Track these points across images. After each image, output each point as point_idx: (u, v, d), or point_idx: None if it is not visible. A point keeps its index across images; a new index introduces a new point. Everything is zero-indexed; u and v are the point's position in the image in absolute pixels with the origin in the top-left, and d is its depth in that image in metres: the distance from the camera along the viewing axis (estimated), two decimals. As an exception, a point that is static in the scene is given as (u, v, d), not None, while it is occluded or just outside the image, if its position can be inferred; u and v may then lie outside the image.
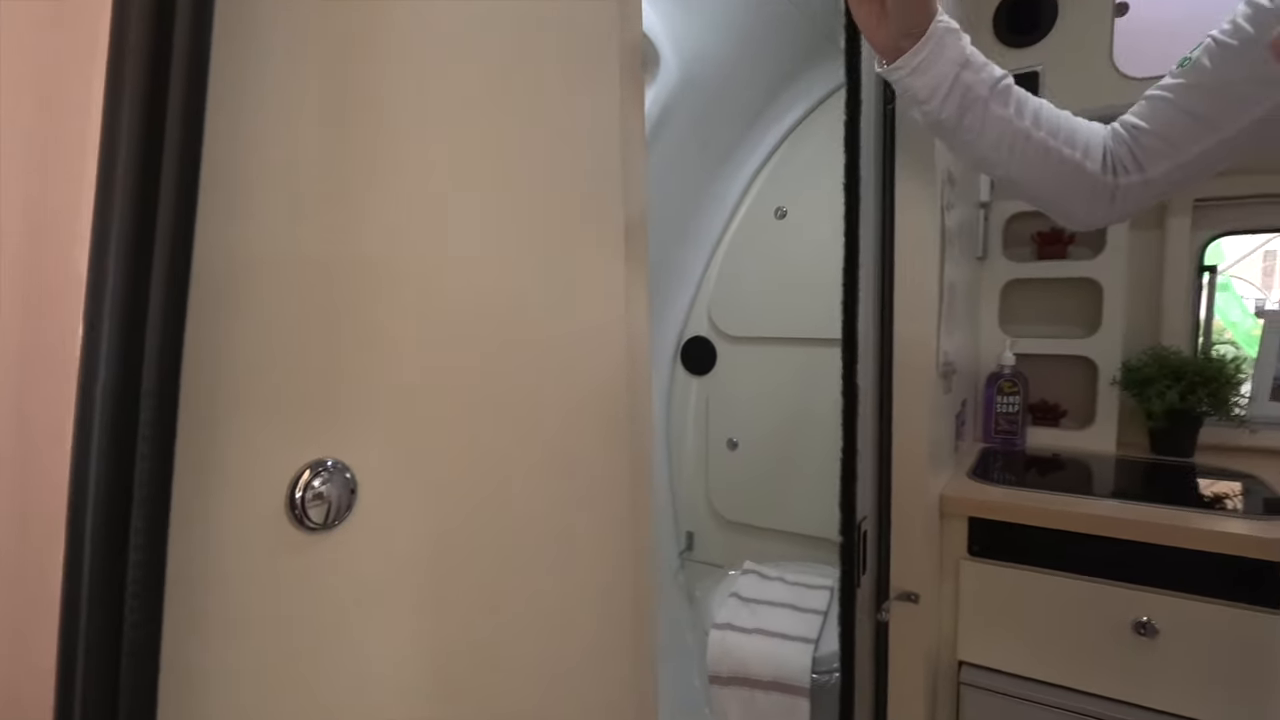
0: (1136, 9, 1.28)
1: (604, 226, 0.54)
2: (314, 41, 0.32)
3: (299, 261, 0.32)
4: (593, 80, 0.51)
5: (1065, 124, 0.73)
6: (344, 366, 0.34)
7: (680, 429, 1.91)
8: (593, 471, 0.51)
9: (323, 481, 0.33)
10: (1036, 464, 1.48)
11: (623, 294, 0.55)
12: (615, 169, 0.54)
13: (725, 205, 1.77)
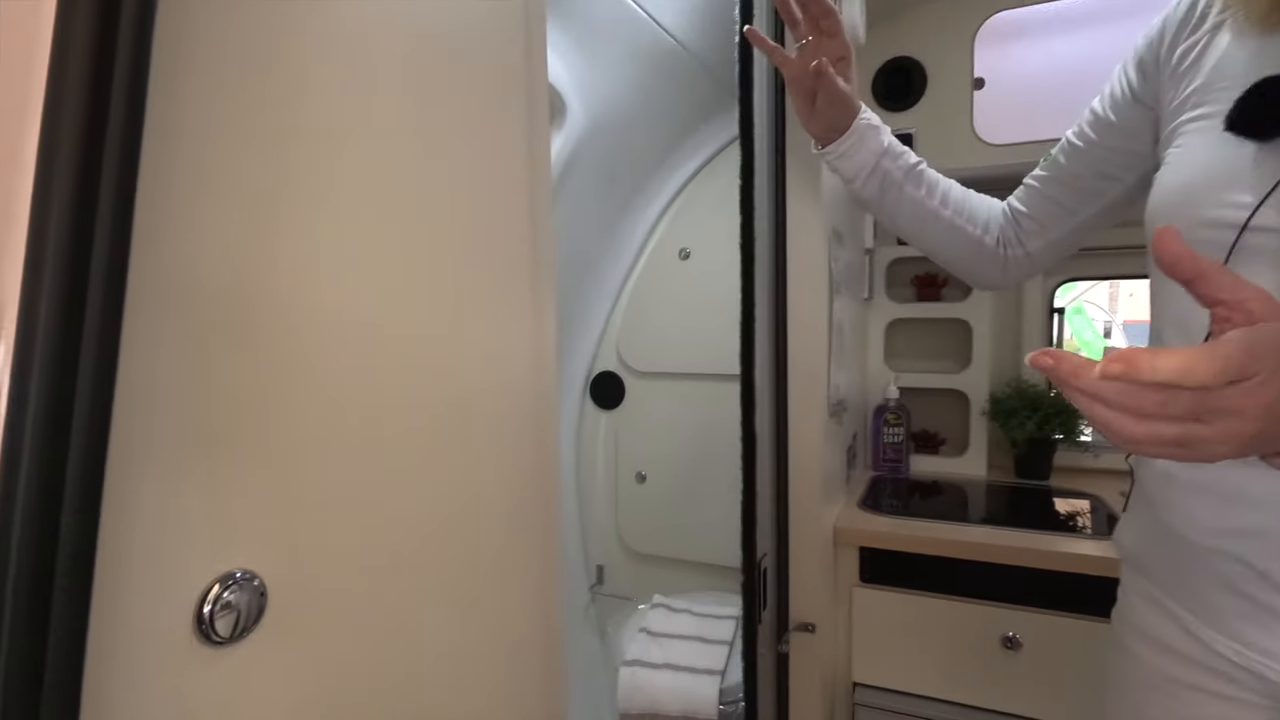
0: (992, 84, 1.44)
1: (515, 291, 0.55)
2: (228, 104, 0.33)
3: (208, 380, 0.32)
4: (499, 125, 0.53)
5: (968, 203, 0.84)
6: (255, 473, 0.34)
7: (590, 463, 1.93)
8: (502, 549, 0.53)
9: (232, 592, 0.33)
10: (920, 490, 1.60)
11: (531, 360, 0.57)
12: (525, 229, 0.56)
13: (632, 245, 1.82)
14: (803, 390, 1.15)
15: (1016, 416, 1.59)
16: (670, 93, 1.51)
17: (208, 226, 0.33)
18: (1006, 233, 0.82)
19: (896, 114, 1.51)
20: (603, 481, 1.93)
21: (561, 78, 1.31)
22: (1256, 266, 0.50)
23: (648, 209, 1.81)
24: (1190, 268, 0.38)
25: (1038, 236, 0.79)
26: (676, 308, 1.79)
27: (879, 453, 1.70)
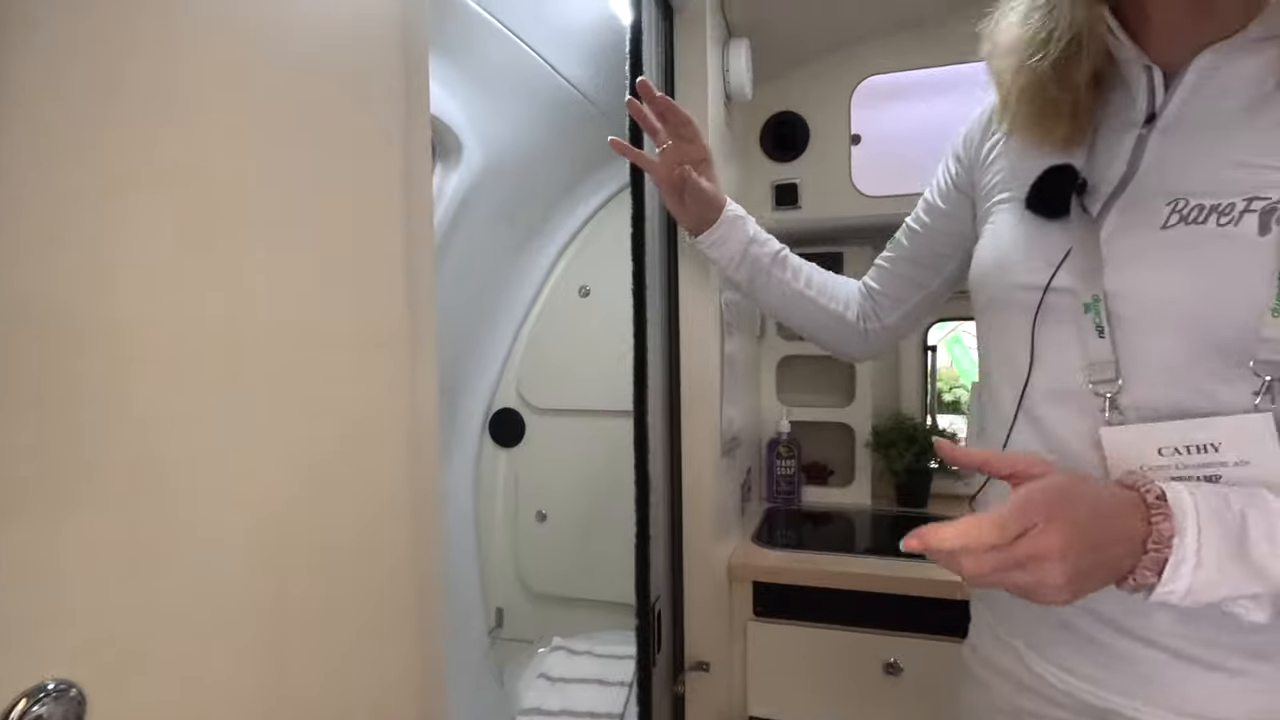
0: (868, 140, 1.56)
1: (386, 342, 0.54)
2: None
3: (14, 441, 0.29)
4: (373, 170, 0.51)
5: (828, 284, 0.93)
6: (72, 558, 0.31)
7: (488, 502, 1.88)
8: (371, 631, 0.51)
9: (43, 706, 0.30)
10: (812, 519, 1.67)
11: (407, 420, 0.55)
12: (399, 280, 0.54)
13: (532, 282, 1.82)
14: (697, 430, 1.18)
15: (896, 447, 1.69)
16: (569, 134, 1.53)
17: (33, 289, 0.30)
18: (865, 308, 0.91)
19: (783, 164, 1.60)
20: (502, 521, 1.89)
21: (457, 118, 1.31)
22: (1057, 319, 0.59)
23: (548, 246, 1.81)
24: (971, 463, 0.49)
25: (892, 310, 0.89)
26: (577, 345, 1.80)
27: (773, 485, 1.76)
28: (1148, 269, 0.54)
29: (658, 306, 1.11)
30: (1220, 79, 0.54)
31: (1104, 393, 0.55)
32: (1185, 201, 0.53)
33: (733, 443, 1.39)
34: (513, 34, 1.20)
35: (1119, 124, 0.60)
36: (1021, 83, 0.63)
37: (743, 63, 1.27)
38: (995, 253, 0.66)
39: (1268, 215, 0.49)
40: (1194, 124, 0.56)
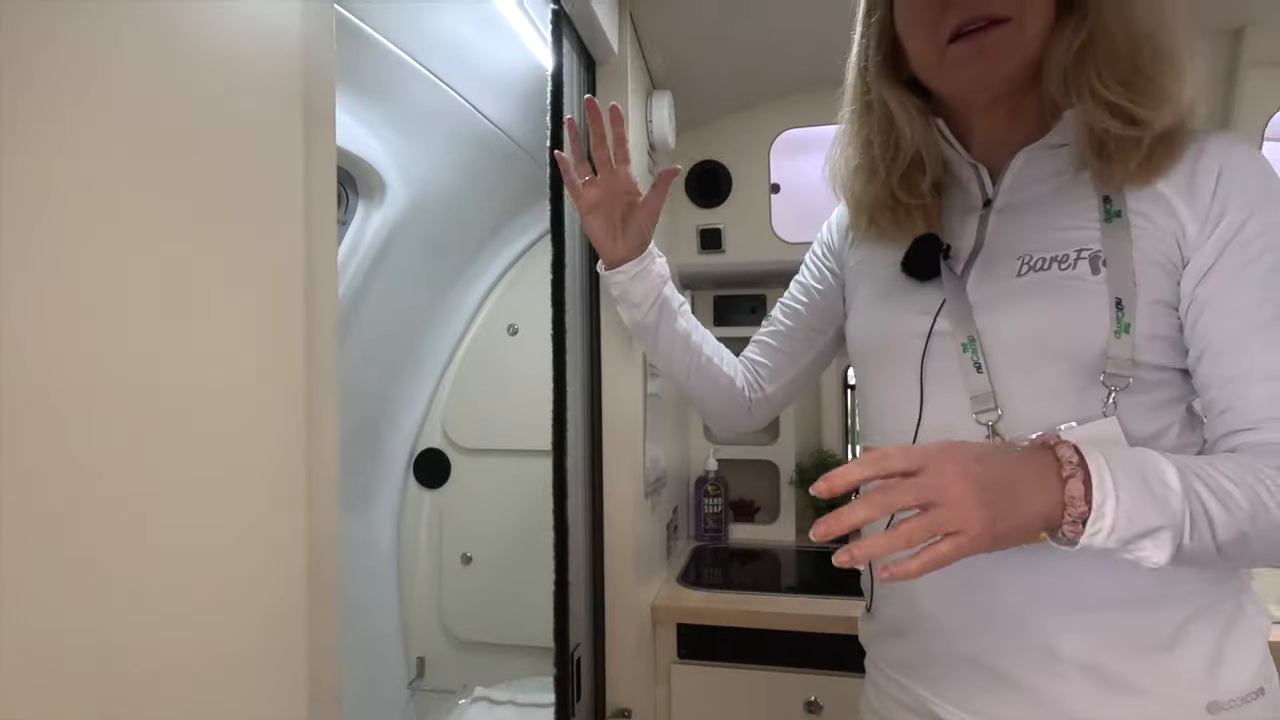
0: (786, 189, 1.63)
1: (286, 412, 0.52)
2: None
3: None
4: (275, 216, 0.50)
5: (718, 349, 0.95)
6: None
7: (412, 546, 1.83)
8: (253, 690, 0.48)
9: None
10: (738, 558, 1.69)
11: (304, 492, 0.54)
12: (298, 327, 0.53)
13: (459, 320, 1.80)
14: (619, 471, 1.18)
15: (818, 485, 1.74)
16: (497, 174, 1.54)
17: None
18: (749, 378, 0.95)
19: (707, 210, 1.65)
20: (425, 565, 1.83)
21: (381, 159, 1.30)
22: (942, 360, 0.66)
23: (476, 284, 1.80)
24: (851, 479, 0.49)
25: (771, 381, 0.94)
26: (504, 383, 1.78)
27: (700, 523, 1.77)
28: (1010, 309, 0.63)
29: (579, 348, 1.11)
30: (1032, 172, 0.66)
31: (986, 422, 0.63)
32: (1030, 256, 0.63)
33: (658, 483, 1.40)
34: (438, 78, 1.21)
35: (961, 209, 0.71)
36: (872, 197, 0.74)
37: (665, 114, 1.31)
38: (877, 310, 0.75)
39: (1095, 260, 0.60)
40: (1020, 205, 0.67)
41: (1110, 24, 0.59)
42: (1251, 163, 0.59)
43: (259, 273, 0.49)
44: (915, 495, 0.47)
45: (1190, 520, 0.49)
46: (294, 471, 0.52)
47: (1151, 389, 0.60)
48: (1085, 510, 0.48)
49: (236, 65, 0.47)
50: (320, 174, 0.55)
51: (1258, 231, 0.57)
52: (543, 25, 1.04)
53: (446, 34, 1.12)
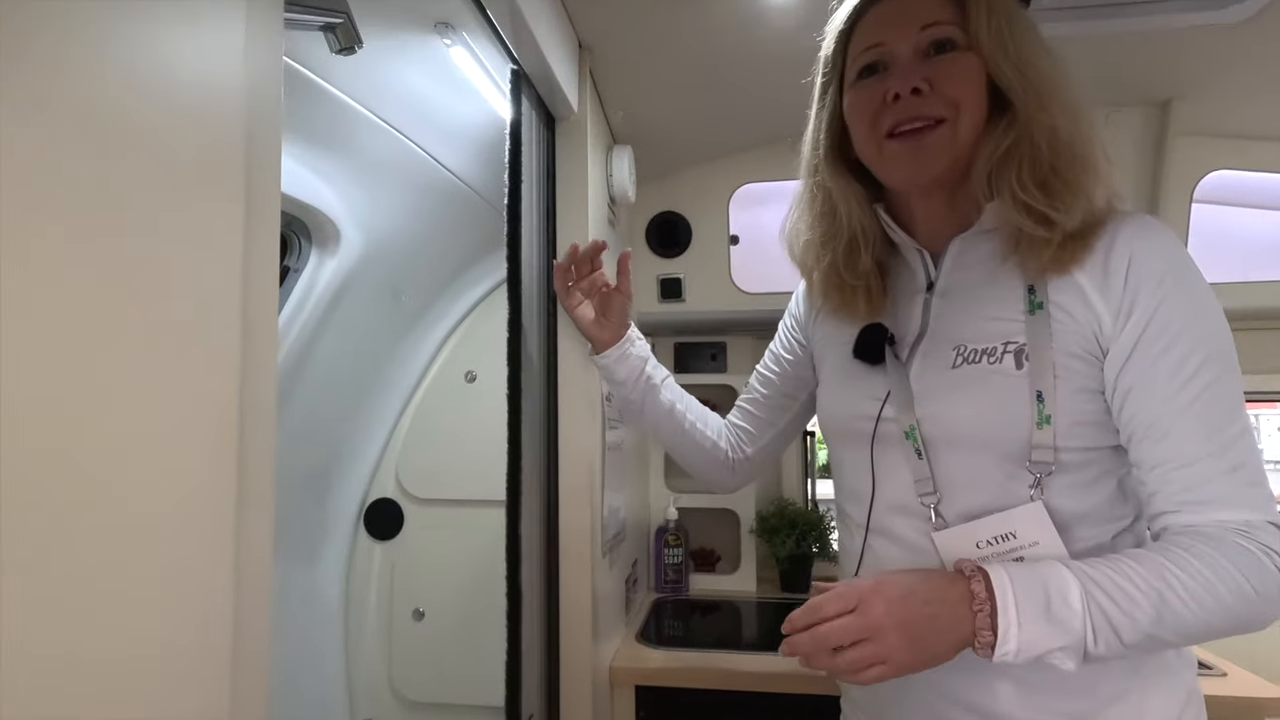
0: (745, 241, 1.66)
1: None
2: None
3: None
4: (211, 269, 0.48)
5: (703, 414, 1.02)
6: None
7: (360, 602, 1.75)
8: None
9: None
10: (700, 610, 1.66)
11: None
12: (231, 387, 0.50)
13: (415, 367, 1.76)
14: (575, 528, 1.15)
15: (779, 534, 1.73)
16: (456, 221, 1.53)
17: None
18: (731, 440, 1.01)
19: (668, 260, 1.66)
20: (375, 622, 1.75)
21: (335, 207, 1.28)
22: (889, 444, 0.72)
23: (434, 330, 1.77)
24: (801, 628, 0.60)
25: (752, 444, 1.00)
26: (462, 431, 1.74)
27: (661, 574, 1.74)
28: (944, 402, 0.68)
29: (536, 401, 1.10)
30: (967, 257, 0.71)
31: (928, 503, 0.68)
32: (965, 346, 0.68)
33: (616, 538, 1.37)
34: (394, 129, 1.20)
35: (909, 290, 0.76)
36: (823, 272, 0.79)
37: (625, 169, 1.33)
38: (836, 394, 0.81)
39: (1019, 354, 0.64)
40: (958, 289, 0.72)
41: (1034, 132, 0.64)
42: (1160, 249, 0.62)
43: (189, 320, 0.46)
44: (848, 636, 0.58)
45: (1093, 633, 0.55)
46: (220, 522, 0.48)
47: (1080, 469, 0.64)
48: (992, 639, 0.56)
49: (174, 116, 0.46)
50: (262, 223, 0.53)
51: (1168, 319, 0.60)
52: (502, 82, 1.04)
53: (404, 87, 1.12)
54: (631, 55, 1.21)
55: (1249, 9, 1.09)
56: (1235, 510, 0.57)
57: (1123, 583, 0.56)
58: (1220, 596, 0.55)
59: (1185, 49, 1.23)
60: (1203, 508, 0.58)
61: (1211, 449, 0.58)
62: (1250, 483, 0.58)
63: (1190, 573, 0.55)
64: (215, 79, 0.49)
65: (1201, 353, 0.59)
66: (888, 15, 0.69)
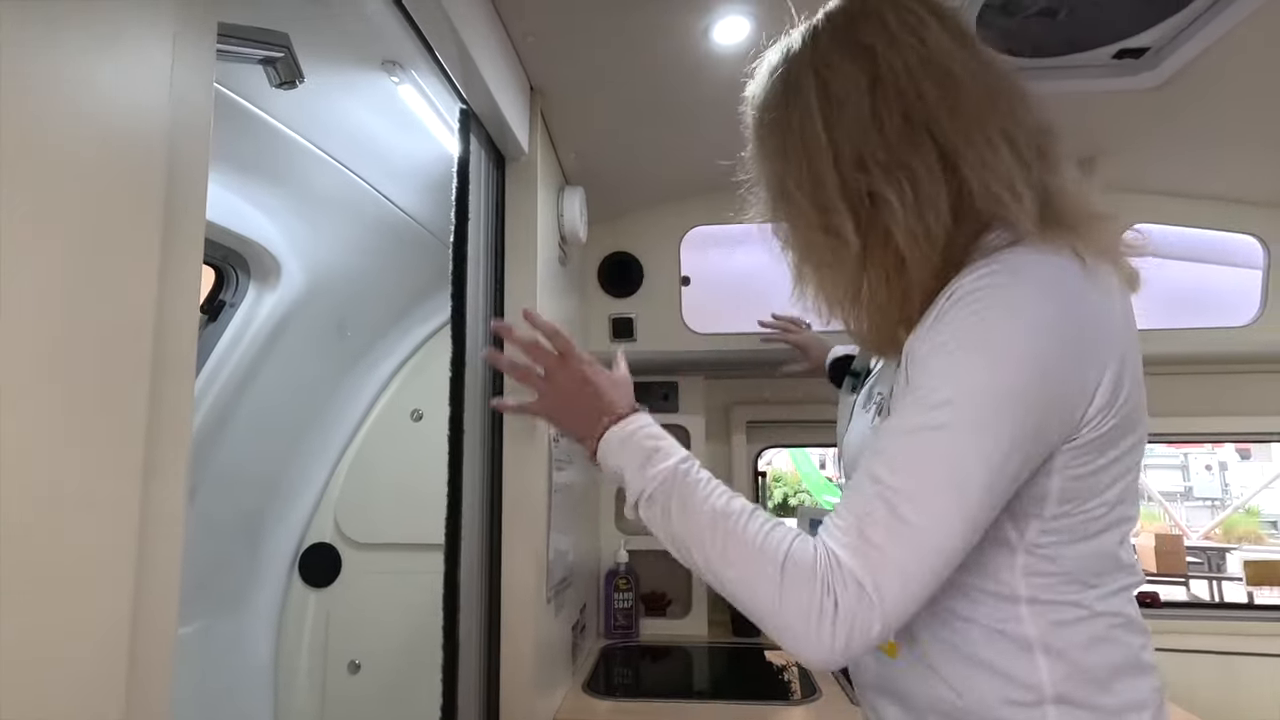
0: (697, 282, 1.67)
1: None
2: None
3: None
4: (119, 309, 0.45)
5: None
6: None
7: (292, 654, 1.65)
8: None
9: None
10: (650, 656, 1.62)
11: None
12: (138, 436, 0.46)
13: (358, 405, 1.71)
14: (520, 572, 1.12)
15: (730, 577, 1.71)
16: (404, 257, 1.51)
17: None
18: None
19: (619, 299, 1.67)
20: (307, 676, 1.65)
21: (276, 241, 1.24)
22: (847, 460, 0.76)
23: (379, 368, 1.73)
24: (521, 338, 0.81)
25: None
26: (405, 472, 1.69)
27: (610, 619, 1.69)
28: (849, 436, 0.74)
29: (478, 442, 1.07)
30: None
31: None
32: (873, 388, 0.72)
33: (563, 583, 1.33)
34: (340, 164, 1.19)
35: None
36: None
37: (577, 208, 1.33)
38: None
39: (879, 407, 0.67)
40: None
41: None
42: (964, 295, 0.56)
43: (93, 355, 0.43)
44: (544, 358, 0.80)
45: (651, 491, 0.62)
46: (117, 582, 0.44)
47: None
48: (599, 434, 0.70)
49: (88, 141, 0.43)
50: (183, 252, 0.51)
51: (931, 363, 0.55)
52: (452, 120, 1.04)
53: (351, 123, 1.11)
54: (583, 98, 1.23)
55: (1159, 76, 1.17)
56: (836, 542, 0.53)
57: (710, 492, 0.61)
58: (748, 565, 0.55)
59: (1106, 110, 1.31)
60: (829, 522, 0.55)
61: (864, 483, 0.54)
62: (872, 535, 0.52)
63: (753, 529, 0.56)
64: (137, 106, 0.48)
65: (924, 402, 0.54)
66: None
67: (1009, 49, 1.15)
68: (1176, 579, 5.07)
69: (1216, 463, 9.81)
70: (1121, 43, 1.12)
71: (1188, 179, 1.57)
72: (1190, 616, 1.75)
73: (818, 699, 1.28)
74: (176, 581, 0.49)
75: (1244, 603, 3.93)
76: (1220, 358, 1.63)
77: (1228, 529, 7.59)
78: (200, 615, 1.44)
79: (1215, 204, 1.60)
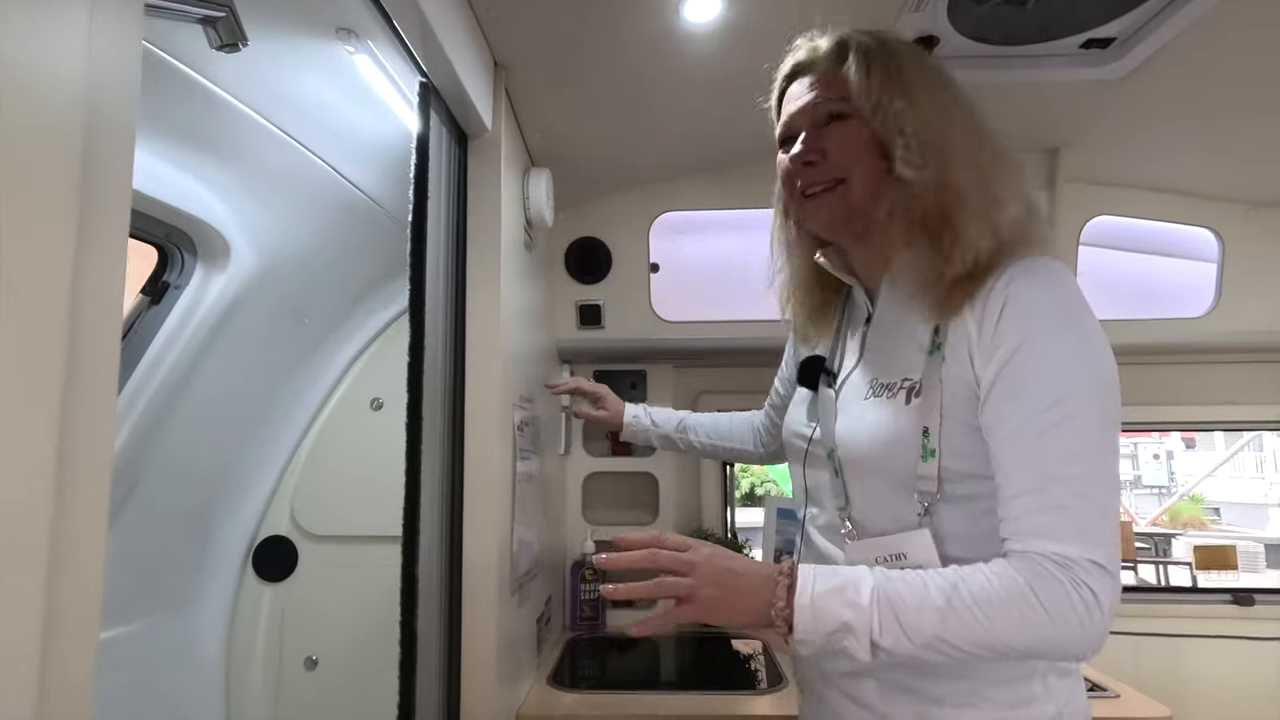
0: (666, 269, 1.65)
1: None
2: None
3: None
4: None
5: (731, 427, 1.21)
6: None
7: (245, 651, 1.60)
8: None
9: None
10: (617, 648, 1.60)
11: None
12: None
13: (315, 394, 1.65)
14: (481, 564, 1.08)
15: (698, 566, 1.70)
16: (363, 240, 1.45)
17: None
18: (762, 435, 1.17)
19: (587, 286, 1.63)
20: (262, 674, 1.60)
21: (224, 219, 1.18)
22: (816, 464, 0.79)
23: (338, 355, 1.67)
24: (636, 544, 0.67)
25: (774, 438, 1.13)
26: (364, 462, 1.63)
27: (577, 612, 1.67)
28: (853, 429, 0.74)
29: (438, 429, 1.03)
30: (894, 293, 0.77)
31: (843, 518, 0.75)
32: (877, 380, 0.74)
33: (527, 574, 1.31)
34: (294, 140, 1.13)
35: (857, 323, 0.82)
36: (790, 307, 0.89)
37: (543, 191, 1.29)
38: (789, 414, 0.89)
39: (912, 391, 0.69)
40: (885, 325, 0.78)
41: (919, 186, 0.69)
42: (1034, 293, 0.65)
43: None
44: (674, 565, 0.65)
45: (879, 624, 0.59)
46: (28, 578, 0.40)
47: (974, 500, 0.67)
48: (787, 611, 0.61)
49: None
50: (105, 224, 0.46)
51: (1023, 362, 0.63)
52: (411, 95, 1.00)
53: (303, 95, 1.05)
54: (550, 76, 1.19)
55: (1125, 67, 1.18)
56: (1057, 544, 0.59)
57: (917, 587, 0.60)
58: (1010, 615, 0.58)
59: (1071, 102, 1.32)
60: (1027, 538, 0.61)
61: (1044, 484, 0.61)
62: (1081, 521, 0.60)
63: (984, 589, 0.59)
64: (45, 61, 0.43)
65: (1051, 395, 0.62)
66: (793, 92, 0.77)
67: (980, 35, 1.16)
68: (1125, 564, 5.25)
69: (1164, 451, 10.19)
70: (1089, 32, 1.12)
71: (1147, 172, 1.60)
72: (1139, 600, 1.80)
73: (784, 688, 1.27)
74: (98, 584, 0.45)
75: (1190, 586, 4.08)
76: (1175, 348, 1.67)
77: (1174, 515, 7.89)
78: (145, 613, 1.38)
79: (1173, 197, 1.64)
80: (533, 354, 1.43)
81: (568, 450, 1.79)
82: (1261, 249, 1.63)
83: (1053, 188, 1.52)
